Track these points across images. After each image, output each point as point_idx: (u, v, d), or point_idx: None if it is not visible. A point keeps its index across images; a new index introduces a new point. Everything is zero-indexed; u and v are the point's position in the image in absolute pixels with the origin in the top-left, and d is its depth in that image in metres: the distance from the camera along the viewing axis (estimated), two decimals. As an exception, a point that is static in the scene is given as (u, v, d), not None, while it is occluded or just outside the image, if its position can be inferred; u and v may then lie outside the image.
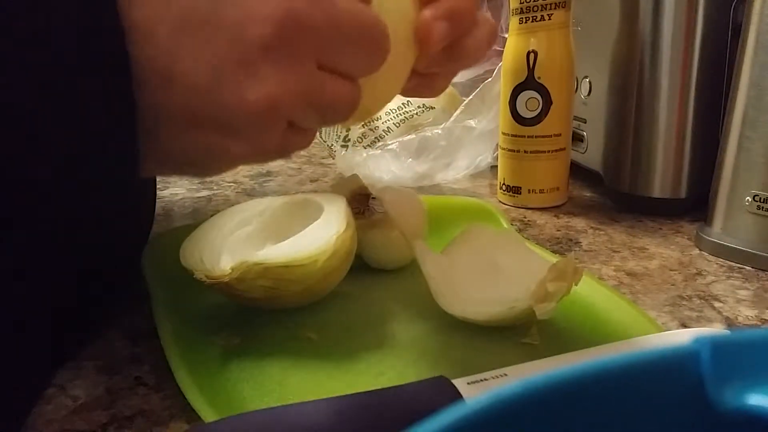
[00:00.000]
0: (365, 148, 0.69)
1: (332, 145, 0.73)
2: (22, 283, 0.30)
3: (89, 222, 0.28)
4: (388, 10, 0.27)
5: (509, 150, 0.60)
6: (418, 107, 0.72)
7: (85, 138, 0.22)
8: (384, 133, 0.71)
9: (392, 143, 0.64)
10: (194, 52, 0.22)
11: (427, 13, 0.29)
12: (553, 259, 0.40)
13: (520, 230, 0.54)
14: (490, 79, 0.65)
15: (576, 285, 0.34)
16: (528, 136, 0.59)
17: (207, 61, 0.22)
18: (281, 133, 0.26)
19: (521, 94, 0.58)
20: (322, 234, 0.36)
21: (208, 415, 0.28)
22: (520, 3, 0.56)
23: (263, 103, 0.23)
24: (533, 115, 0.58)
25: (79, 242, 0.34)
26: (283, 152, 0.28)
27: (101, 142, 0.22)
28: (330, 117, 0.27)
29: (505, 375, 0.29)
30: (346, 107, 0.26)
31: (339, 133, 0.73)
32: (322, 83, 0.25)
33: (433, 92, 0.34)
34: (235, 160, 0.26)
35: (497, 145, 0.63)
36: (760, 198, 0.45)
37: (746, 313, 0.39)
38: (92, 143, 0.22)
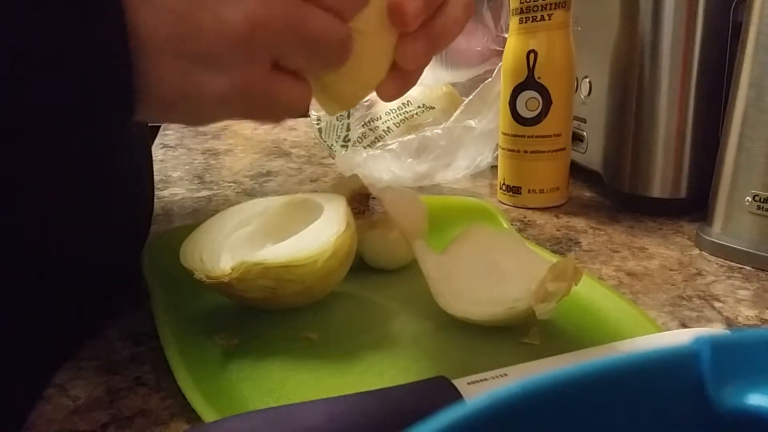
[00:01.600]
0: (365, 148, 0.69)
1: (332, 145, 0.73)
2: (22, 284, 0.30)
3: (89, 211, 0.28)
4: None
5: (509, 150, 0.60)
6: (418, 107, 0.72)
7: (79, 68, 0.22)
8: (384, 133, 0.71)
9: (392, 143, 0.64)
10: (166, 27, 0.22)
11: None
12: (553, 259, 0.40)
13: (520, 230, 0.54)
14: (490, 79, 0.65)
15: (576, 285, 0.34)
16: (528, 136, 0.59)
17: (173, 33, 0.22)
18: (266, 71, 0.25)
19: (521, 94, 0.58)
20: (322, 234, 0.36)
21: (208, 415, 0.28)
22: (520, 3, 0.56)
23: (242, 26, 0.23)
24: (533, 115, 0.58)
25: (78, 242, 0.34)
26: (272, 104, 0.27)
27: (96, 70, 0.22)
28: (320, 56, 0.26)
29: (505, 375, 0.29)
30: (334, 46, 0.26)
31: (339, 133, 0.73)
32: (305, 14, 0.25)
33: (409, 84, 0.33)
34: (219, 99, 0.25)
35: (497, 145, 0.63)
36: (760, 198, 0.45)
37: (746, 313, 0.39)
38: (86, 73, 0.22)
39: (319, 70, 0.28)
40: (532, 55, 0.56)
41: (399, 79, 0.32)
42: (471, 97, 0.65)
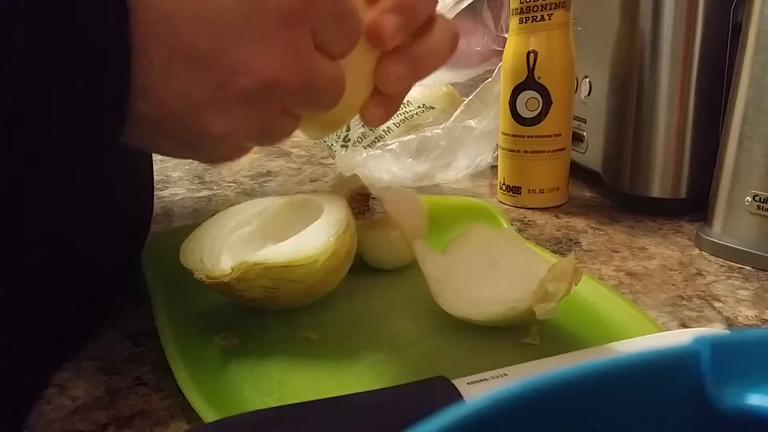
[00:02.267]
0: (365, 148, 0.69)
1: (332, 145, 0.73)
2: (22, 284, 0.30)
3: (89, 215, 0.29)
4: None
5: (509, 150, 0.60)
6: (418, 107, 0.72)
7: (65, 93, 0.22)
8: (384, 133, 0.71)
9: (392, 143, 0.64)
10: (181, 79, 0.23)
11: (374, 10, 0.29)
12: (553, 259, 0.40)
13: (520, 230, 0.54)
14: (490, 79, 0.65)
15: (576, 285, 0.34)
16: (528, 136, 0.59)
17: (189, 90, 0.24)
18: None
19: (521, 94, 0.58)
20: (322, 234, 0.36)
21: (208, 415, 0.28)
22: (521, 3, 0.56)
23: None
24: (533, 115, 0.58)
25: (78, 242, 0.34)
26: (266, 138, 0.30)
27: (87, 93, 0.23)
28: (315, 100, 0.28)
29: (505, 375, 0.29)
30: (330, 90, 0.28)
31: (339, 133, 0.73)
32: (315, 66, 0.27)
33: (392, 109, 0.33)
34: (220, 137, 0.27)
35: (497, 145, 0.63)
36: (760, 198, 0.45)
37: (746, 313, 0.39)
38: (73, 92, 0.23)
39: (313, 111, 0.29)
40: (532, 55, 0.56)
41: (381, 103, 0.32)
42: (471, 97, 0.65)
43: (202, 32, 0.23)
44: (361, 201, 0.45)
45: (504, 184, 0.61)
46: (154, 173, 0.53)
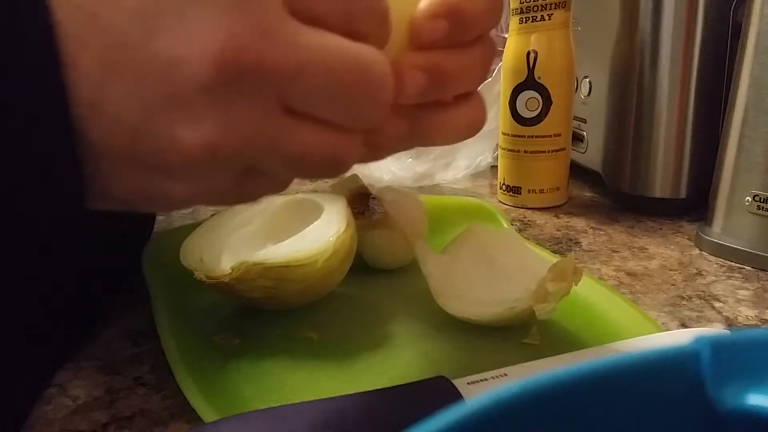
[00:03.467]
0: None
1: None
2: (22, 284, 0.30)
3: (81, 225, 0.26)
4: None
5: (509, 150, 0.60)
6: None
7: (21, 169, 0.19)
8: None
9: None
10: (122, 86, 0.19)
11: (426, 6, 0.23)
12: (553, 259, 0.40)
13: (520, 230, 0.54)
14: (490, 79, 0.65)
15: (576, 285, 0.34)
16: (528, 136, 0.59)
17: (136, 96, 0.19)
18: (234, 177, 0.22)
19: (521, 94, 0.58)
20: (322, 234, 0.36)
21: (209, 415, 0.28)
22: (520, 3, 0.56)
23: (198, 148, 0.20)
24: (533, 115, 0.58)
25: (79, 243, 0.34)
26: (246, 197, 0.24)
27: (39, 172, 0.19)
28: (307, 170, 0.22)
29: (505, 375, 0.29)
30: (325, 161, 0.22)
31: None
32: (283, 129, 0.21)
33: (376, 157, 0.26)
34: (181, 202, 0.22)
35: (497, 145, 0.63)
36: (760, 198, 0.45)
37: (746, 313, 0.40)
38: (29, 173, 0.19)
39: (311, 178, 0.25)
40: (532, 55, 0.56)
41: (366, 148, 0.24)
42: (471, 97, 0.65)
43: (130, 16, 0.18)
44: (361, 201, 0.45)
45: (504, 184, 0.61)
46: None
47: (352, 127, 0.22)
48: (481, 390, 0.28)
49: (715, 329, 0.38)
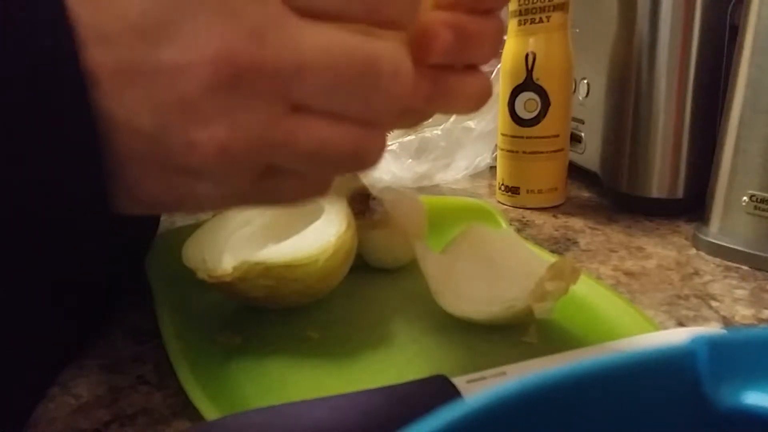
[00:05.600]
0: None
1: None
2: (24, 283, 0.30)
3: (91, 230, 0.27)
4: None
5: (508, 151, 0.60)
6: (418, 107, 0.72)
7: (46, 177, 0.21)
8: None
9: (392, 143, 0.65)
10: (135, 96, 0.20)
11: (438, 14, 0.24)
12: (552, 258, 0.40)
13: (518, 230, 0.54)
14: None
15: (574, 284, 0.34)
16: (527, 137, 0.59)
17: (148, 105, 0.20)
18: (257, 176, 0.22)
19: (520, 95, 0.58)
20: (322, 234, 0.36)
21: (210, 413, 0.28)
22: (519, 5, 0.57)
23: (212, 148, 0.20)
24: (532, 116, 0.58)
25: (82, 243, 0.34)
26: (277, 198, 0.24)
27: (65, 181, 0.21)
28: (330, 165, 0.23)
29: (504, 373, 0.29)
30: (346, 155, 0.22)
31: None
32: (293, 126, 0.21)
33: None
34: (210, 202, 0.23)
35: (496, 145, 0.63)
36: (757, 198, 0.45)
37: (743, 313, 0.40)
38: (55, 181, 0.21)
39: (335, 174, 0.25)
40: (530, 56, 0.57)
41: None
42: (470, 97, 0.65)
43: (133, 31, 0.20)
44: (361, 201, 0.45)
45: (503, 184, 0.62)
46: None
47: (370, 119, 0.22)
48: (480, 388, 0.28)
49: (712, 328, 0.38)
